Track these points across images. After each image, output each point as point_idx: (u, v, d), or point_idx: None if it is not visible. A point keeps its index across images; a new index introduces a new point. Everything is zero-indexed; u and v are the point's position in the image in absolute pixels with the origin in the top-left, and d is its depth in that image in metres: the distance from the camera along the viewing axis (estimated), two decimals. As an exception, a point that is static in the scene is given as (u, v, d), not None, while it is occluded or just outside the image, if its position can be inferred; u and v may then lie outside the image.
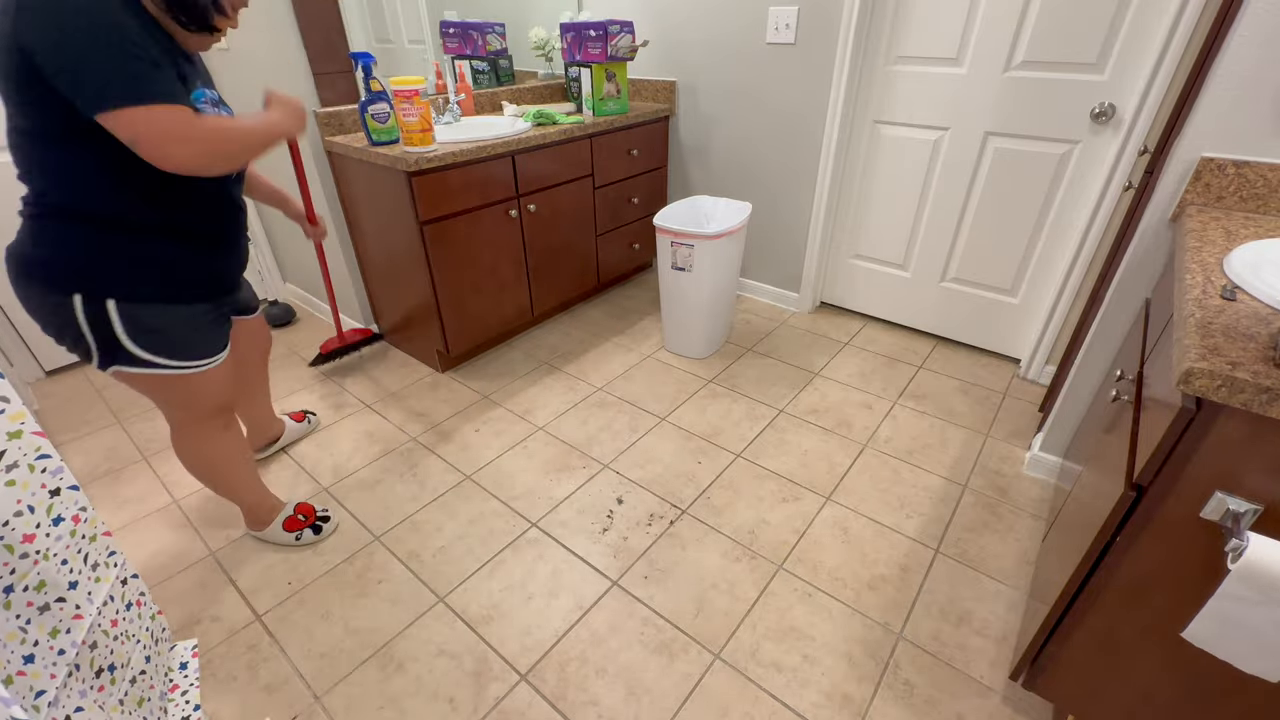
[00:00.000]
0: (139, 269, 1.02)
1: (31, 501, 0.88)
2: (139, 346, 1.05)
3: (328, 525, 1.55)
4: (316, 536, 1.53)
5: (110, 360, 1.06)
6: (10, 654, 0.80)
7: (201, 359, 1.15)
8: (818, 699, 1.19)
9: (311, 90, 1.97)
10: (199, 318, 1.13)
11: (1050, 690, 1.04)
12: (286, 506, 1.54)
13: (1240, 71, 1.10)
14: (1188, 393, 0.71)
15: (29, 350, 2.16)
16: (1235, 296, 0.84)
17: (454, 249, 1.97)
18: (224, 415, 1.30)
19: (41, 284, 0.99)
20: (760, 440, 1.88)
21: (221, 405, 1.27)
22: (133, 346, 1.04)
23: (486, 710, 1.17)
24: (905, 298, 2.45)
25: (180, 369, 1.11)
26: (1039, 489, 1.69)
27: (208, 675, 1.24)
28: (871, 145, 2.27)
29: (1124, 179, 1.75)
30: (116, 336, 1.03)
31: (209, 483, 1.40)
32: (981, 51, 1.90)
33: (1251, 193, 1.15)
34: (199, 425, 1.26)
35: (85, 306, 0.99)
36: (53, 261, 0.98)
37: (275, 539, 1.52)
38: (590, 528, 1.57)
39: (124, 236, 1.00)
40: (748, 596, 1.39)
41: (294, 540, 1.52)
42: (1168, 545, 0.81)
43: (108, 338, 1.03)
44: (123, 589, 1.06)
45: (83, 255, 0.98)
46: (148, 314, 1.05)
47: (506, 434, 1.91)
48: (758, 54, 2.28)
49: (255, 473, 1.47)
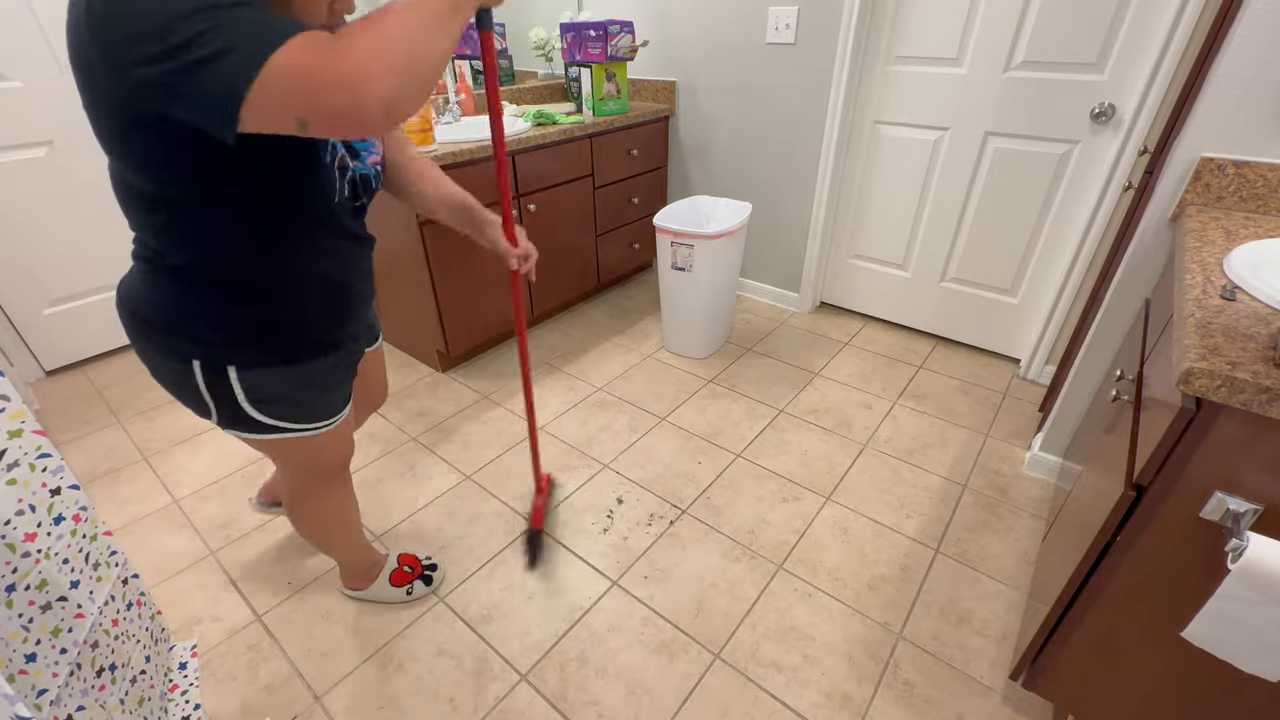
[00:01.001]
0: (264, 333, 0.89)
1: (33, 500, 0.88)
2: (262, 414, 0.94)
3: (436, 574, 1.42)
4: (428, 588, 1.39)
5: (232, 425, 0.96)
6: (13, 653, 0.81)
7: (327, 419, 1.03)
8: (818, 699, 1.19)
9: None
10: (327, 372, 0.99)
11: (1050, 690, 1.04)
12: (390, 559, 1.40)
13: (1240, 71, 1.10)
14: (1188, 393, 0.71)
15: (29, 350, 2.16)
16: (1235, 296, 0.84)
17: (454, 249, 1.97)
18: (344, 471, 1.20)
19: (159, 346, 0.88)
20: (760, 440, 1.88)
21: (343, 462, 1.16)
22: (255, 413, 0.93)
23: (486, 710, 1.17)
24: (905, 298, 2.45)
25: (304, 432, 1.00)
26: (1039, 489, 1.69)
27: (208, 675, 1.24)
28: (871, 145, 2.27)
29: (1124, 179, 1.75)
30: (239, 404, 0.91)
31: (318, 541, 1.27)
32: (981, 51, 1.90)
33: (1251, 193, 1.16)
34: (320, 485, 1.15)
35: (204, 374, 0.88)
36: (170, 324, 0.85)
37: (382, 597, 1.37)
38: (590, 528, 1.57)
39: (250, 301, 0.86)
40: (748, 596, 1.39)
41: (404, 596, 1.37)
42: (1168, 545, 0.81)
43: (230, 404, 0.91)
44: (123, 589, 1.06)
45: (203, 321, 0.85)
46: (272, 378, 0.92)
47: (506, 434, 1.91)
48: (758, 54, 2.28)
49: (362, 529, 1.34)
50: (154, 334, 0.86)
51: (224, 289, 0.84)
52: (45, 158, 2.03)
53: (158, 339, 0.86)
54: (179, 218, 0.77)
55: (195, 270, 0.82)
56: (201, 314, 0.84)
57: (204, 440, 1.90)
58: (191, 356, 0.86)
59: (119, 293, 0.89)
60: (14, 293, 2.07)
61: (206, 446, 1.87)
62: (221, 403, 0.90)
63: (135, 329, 0.88)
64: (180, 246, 0.80)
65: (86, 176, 2.13)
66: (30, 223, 2.04)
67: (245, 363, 0.88)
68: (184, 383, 0.89)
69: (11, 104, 1.92)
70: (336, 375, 1.01)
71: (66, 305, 2.20)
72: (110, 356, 2.36)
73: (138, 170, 0.72)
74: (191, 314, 0.84)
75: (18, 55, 1.91)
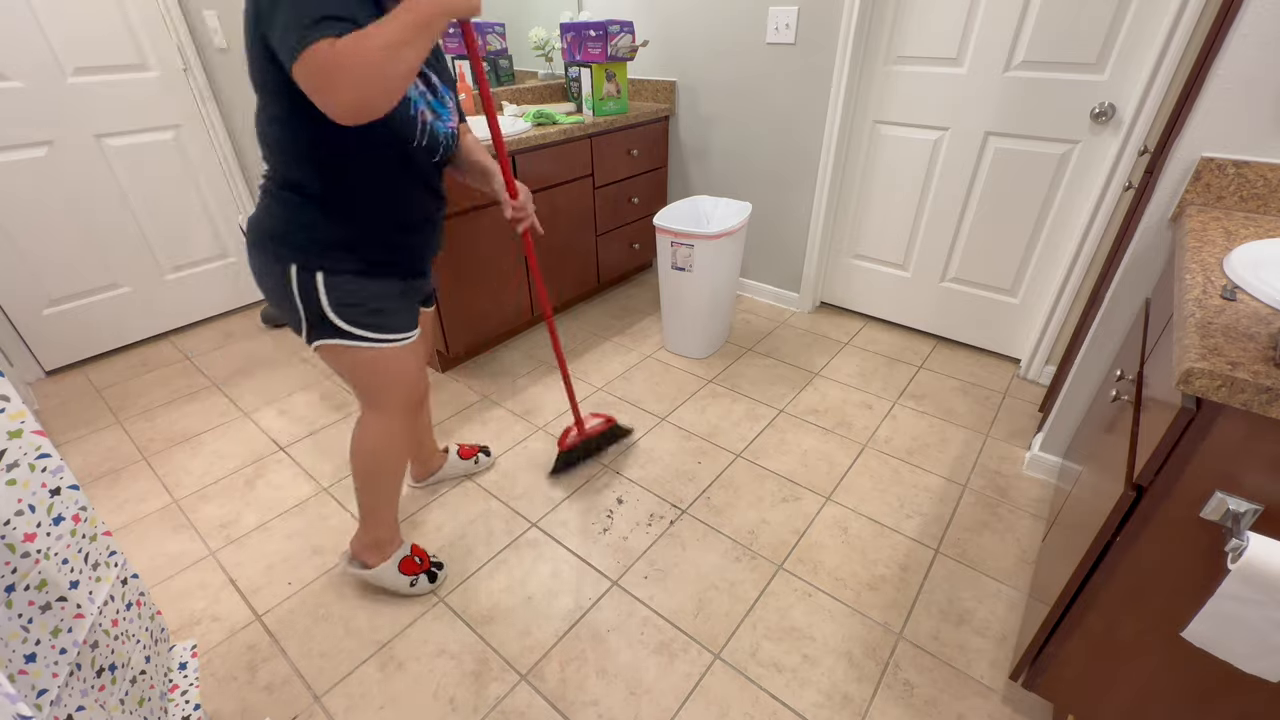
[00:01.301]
0: (345, 244, 1.05)
1: (32, 501, 0.88)
2: (341, 319, 1.08)
3: (441, 573, 1.43)
4: (431, 585, 1.40)
5: (316, 333, 1.09)
6: (12, 653, 0.81)
7: (395, 334, 1.15)
8: (818, 699, 1.19)
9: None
10: (391, 293, 1.13)
11: (1050, 690, 1.04)
12: (404, 545, 1.41)
13: (1240, 71, 1.10)
14: (1188, 393, 0.71)
15: (29, 350, 2.16)
16: (1235, 296, 0.84)
17: (454, 249, 1.97)
18: (411, 415, 1.28)
19: (268, 255, 1.05)
20: (760, 440, 1.88)
21: (411, 400, 1.25)
22: (336, 318, 1.07)
23: (486, 710, 1.17)
24: (905, 298, 2.45)
25: (376, 342, 1.12)
26: (1039, 489, 1.69)
27: (208, 675, 1.24)
28: (871, 145, 2.27)
29: (1124, 179, 1.75)
30: (322, 308, 1.06)
31: (366, 481, 1.30)
32: (981, 51, 1.90)
33: (1251, 193, 1.16)
34: (389, 416, 1.24)
35: (299, 276, 1.04)
36: (276, 234, 1.04)
37: (386, 581, 1.37)
38: (590, 528, 1.57)
39: (334, 213, 1.03)
40: (748, 596, 1.39)
41: (407, 586, 1.38)
42: (1168, 545, 0.81)
43: (315, 309, 1.06)
44: (123, 589, 1.06)
45: (299, 229, 1.03)
46: (349, 286, 1.07)
47: (506, 434, 1.91)
48: (758, 54, 2.28)
49: (398, 502, 1.38)
50: (267, 242, 1.05)
51: (322, 206, 1.02)
52: (45, 157, 2.03)
53: (269, 246, 1.04)
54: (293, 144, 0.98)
55: (294, 182, 1.01)
56: (304, 225, 1.02)
57: (204, 440, 1.90)
58: (291, 261, 1.03)
59: (248, 221, 1.08)
60: (14, 293, 2.07)
61: (206, 446, 1.87)
62: (309, 305, 1.06)
63: (254, 242, 1.06)
64: (284, 162, 1.00)
65: (86, 176, 2.13)
66: (30, 223, 2.05)
67: (331, 269, 1.04)
68: (283, 288, 1.05)
69: (11, 104, 1.93)
70: (403, 300, 1.16)
71: (66, 305, 2.20)
72: (110, 356, 2.36)
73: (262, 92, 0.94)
74: (296, 225, 1.03)
75: (18, 55, 1.91)
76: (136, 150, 2.22)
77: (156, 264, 2.40)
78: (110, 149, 2.16)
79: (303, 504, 1.65)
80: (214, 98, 2.34)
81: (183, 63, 2.23)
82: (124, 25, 2.09)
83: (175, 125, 2.30)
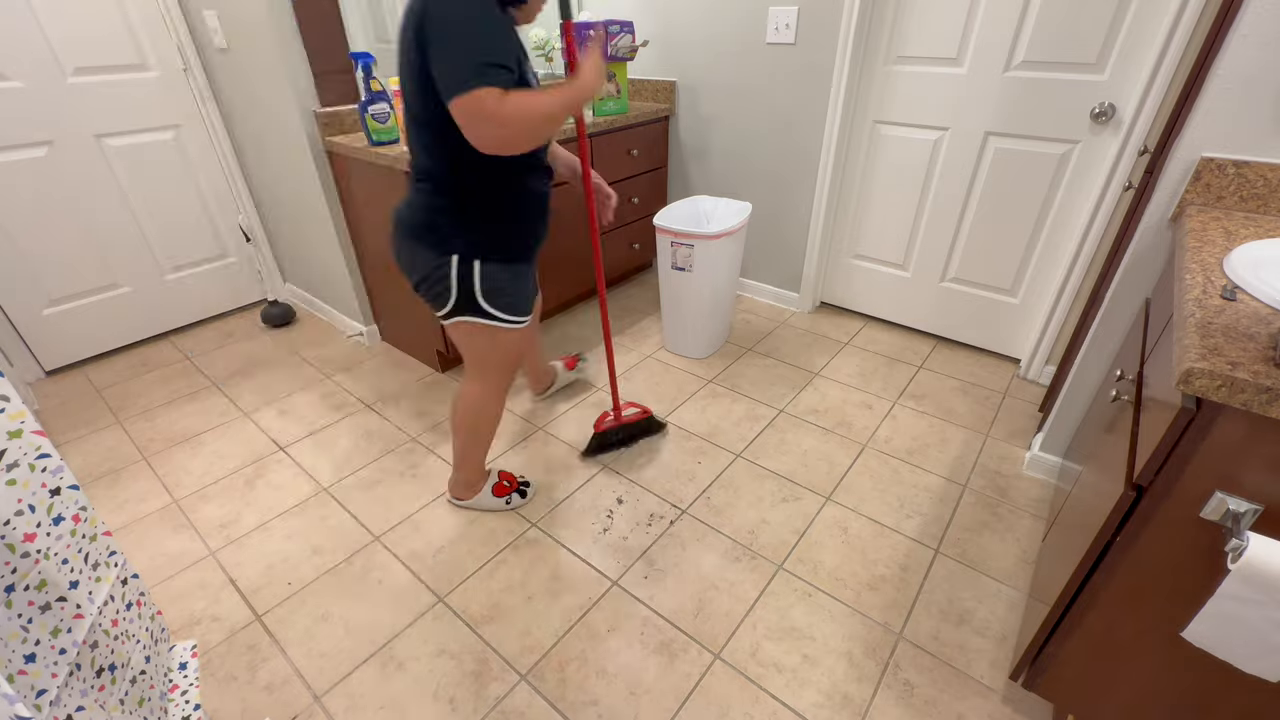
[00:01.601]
0: (497, 235, 1.24)
1: (32, 501, 0.88)
2: (487, 302, 1.27)
3: (530, 489, 1.66)
4: (523, 500, 1.64)
5: (459, 312, 1.28)
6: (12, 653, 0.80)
7: (521, 316, 1.34)
8: (818, 699, 1.19)
9: (311, 90, 1.97)
10: (522, 277, 1.33)
11: (1050, 690, 1.04)
12: (492, 474, 1.64)
13: (1240, 71, 1.10)
14: (1188, 393, 0.71)
15: (29, 350, 2.16)
16: (1235, 296, 0.84)
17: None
18: (513, 379, 1.50)
19: (426, 245, 1.22)
20: (760, 440, 1.88)
21: (517, 366, 1.47)
22: (483, 301, 1.27)
23: (486, 710, 1.17)
24: (905, 298, 2.45)
25: (505, 323, 1.32)
26: (1039, 489, 1.69)
27: (208, 675, 1.24)
28: (871, 145, 2.27)
29: (1124, 179, 1.75)
30: (474, 291, 1.25)
31: (467, 437, 1.51)
32: (981, 51, 1.90)
33: (1251, 193, 1.16)
34: (493, 385, 1.44)
35: (459, 266, 1.22)
36: (438, 229, 1.21)
37: (485, 505, 1.62)
38: (590, 528, 1.57)
39: (488, 213, 1.21)
40: (748, 596, 1.39)
41: (504, 505, 1.62)
42: (1168, 545, 0.81)
43: (468, 292, 1.25)
44: (123, 589, 1.06)
45: (461, 226, 1.21)
46: (498, 273, 1.26)
47: (506, 434, 1.91)
48: (758, 54, 2.28)
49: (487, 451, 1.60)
50: (426, 235, 1.21)
51: (478, 208, 1.20)
52: (45, 157, 2.03)
53: (429, 239, 1.21)
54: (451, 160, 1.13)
55: (458, 192, 1.18)
56: (465, 225, 1.21)
57: (204, 440, 1.90)
58: (453, 252, 1.21)
59: (398, 215, 1.26)
60: (14, 293, 2.08)
61: (206, 446, 1.87)
62: (463, 289, 1.24)
63: (412, 234, 1.23)
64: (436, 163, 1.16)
65: (86, 176, 2.13)
66: (30, 223, 2.05)
67: (486, 258, 1.23)
68: (439, 274, 1.23)
69: (11, 104, 1.93)
70: (529, 283, 1.37)
71: (66, 305, 2.20)
72: (110, 356, 2.36)
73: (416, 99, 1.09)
74: (457, 224, 1.20)
75: (18, 55, 1.91)
76: (136, 150, 2.22)
77: (156, 264, 2.40)
78: (110, 149, 2.16)
79: (303, 504, 1.65)
80: (214, 98, 2.34)
81: (183, 63, 2.23)
82: (124, 25, 2.09)
83: (175, 125, 2.30)
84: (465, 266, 1.22)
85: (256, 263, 2.61)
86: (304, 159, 2.06)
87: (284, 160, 2.19)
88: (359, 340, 2.44)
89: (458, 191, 1.19)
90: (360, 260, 2.27)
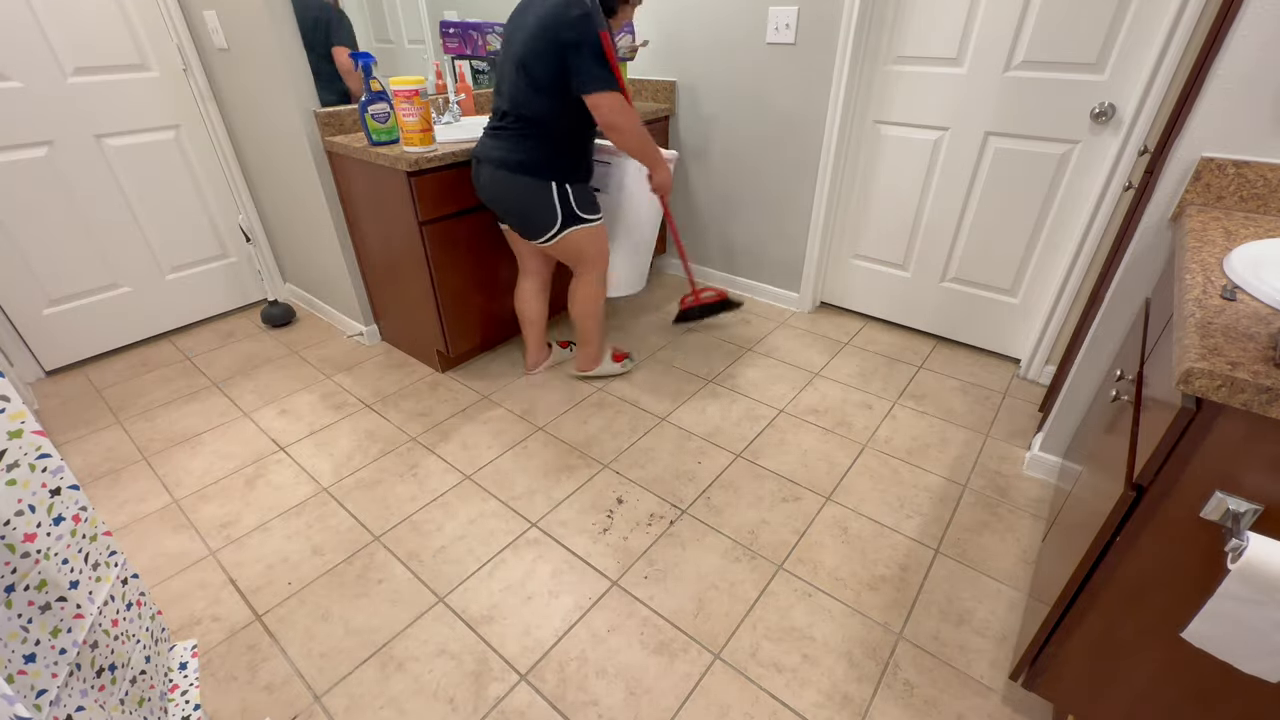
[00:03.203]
0: (578, 165, 1.73)
1: (32, 501, 0.88)
2: (580, 209, 1.75)
3: (636, 359, 2.26)
4: (633, 364, 2.23)
5: (565, 225, 1.73)
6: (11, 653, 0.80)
7: (599, 215, 1.83)
8: (818, 699, 1.19)
9: (311, 90, 1.97)
10: (592, 191, 1.83)
11: (1050, 690, 1.04)
12: (608, 350, 2.18)
13: (1240, 71, 1.10)
14: (1188, 393, 0.71)
15: (29, 350, 2.16)
16: (1235, 296, 0.84)
17: (454, 249, 1.97)
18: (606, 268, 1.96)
19: (533, 175, 1.66)
20: (760, 440, 1.88)
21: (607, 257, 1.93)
22: (578, 209, 1.74)
23: (486, 710, 1.17)
24: (905, 298, 2.45)
25: (594, 221, 1.80)
26: (1039, 489, 1.69)
27: (208, 675, 1.24)
28: (871, 145, 2.27)
29: (1124, 179, 1.75)
30: (572, 205, 1.72)
31: (590, 320, 2.00)
32: (981, 51, 1.90)
33: (1251, 193, 1.16)
34: (598, 272, 1.91)
35: (558, 189, 1.69)
36: (540, 163, 1.66)
37: (608, 370, 2.16)
38: (590, 528, 1.57)
39: (570, 147, 1.69)
40: (748, 596, 1.39)
41: (621, 369, 2.17)
42: (1168, 545, 0.81)
43: (567, 207, 1.71)
44: (123, 589, 1.06)
45: (555, 158, 1.67)
46: (582, 190, 1.75)
47: (506, 434, 1.91)
48: (758, 54, 2.28)
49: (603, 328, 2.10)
50: (534, 170, 1.66)
51: (565, 149, 1.68)
52: (45, 157, 2.03)
53: (535, 172, 1.67)
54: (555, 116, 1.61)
55: (547, 129, 1.63)
56: (556, 160, 1.67)
57: (204, 440, 1.90)
58: (553, 179, 1.68)
59: (497, 158, 1.68)
60: (14, 293, 2.08)
61: (206, 446, 1.87)
62: (564, 206, 1.71)
63: (520, 169, 1.66)
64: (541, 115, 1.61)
65: (86, 176, 2.13)
66: (30, 223, 2.05)
67: (572, 181, 1.72)
68: (543, 199, 1.69)
69: (11, 104, 1.93)
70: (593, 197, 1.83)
71: (66, 305, 2.20)
72: (110, 356, 2.36)
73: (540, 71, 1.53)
74: (552, 162, 1.67)
75: (18, 55, 1.91)
76: (136, 150, 2.22)
77: (156, 264, 2.40)
78: (110, 149, 2.16)
79: (303, 504, 1.65)
80: (214, 98, 2.34)
81: (183, 63, 2.23)
82: (124, 25, 2.09)
83: (175, 125, 2.30)
84: (562, 189, 1.69)
85: (256, 263, 2.61)
86: (304, 159, 2.06)
87: (284, 160, 2.20)
88: (359, 340, 2.44)
89: (554, 139, 1.64)
90: (360, 260, 2.27)
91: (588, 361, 2.11)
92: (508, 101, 1.62)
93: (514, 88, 1.59)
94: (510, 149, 1.65)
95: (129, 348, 2.42)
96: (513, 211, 1.75)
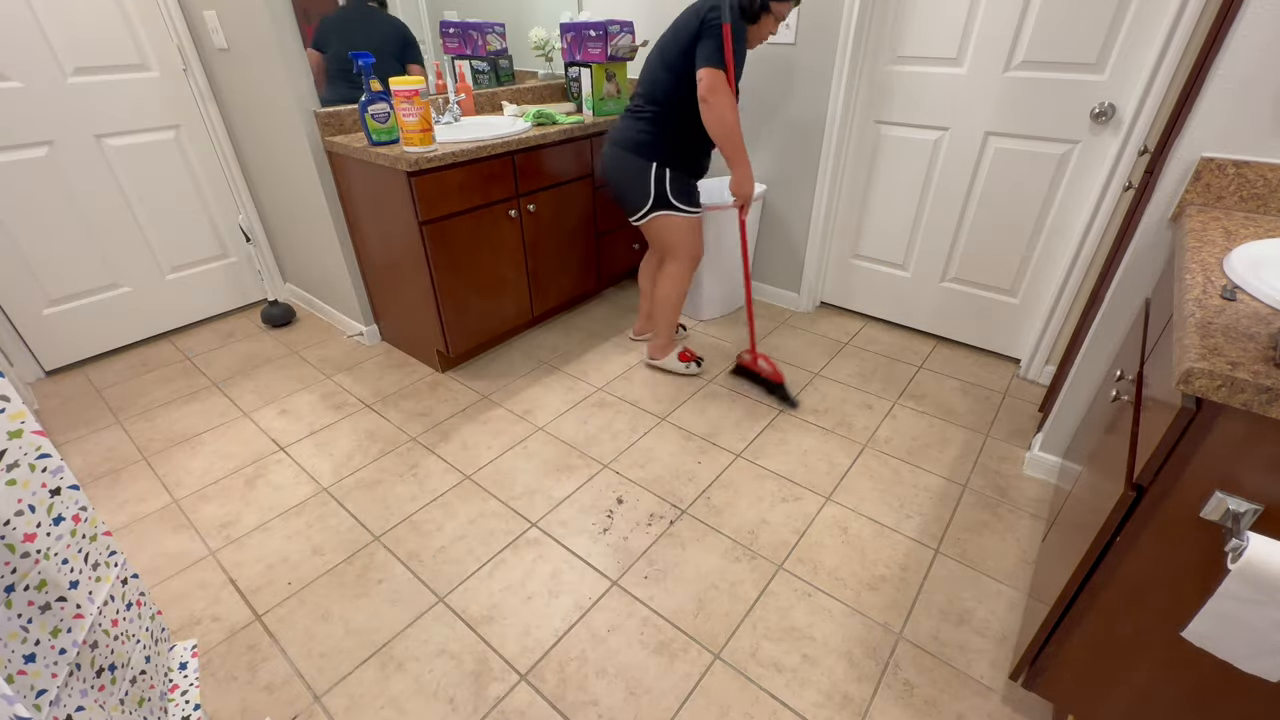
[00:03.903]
0: (681, 153, 1.83)
1: (32, 501, 0.88)
2: (674, 198, 1.85)
3: (702, 364, 2.19)
4: (698, 369, 2.18)
5: (655, 208, 1.86)
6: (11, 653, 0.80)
7: (695, 208, 1.91)
8: (818, 699, 1.19)
9: (311, 90, 1.97)
10: (693, 187, 1.91)
11: (1050, 690, 1.04)
12: (679, 346, 2.19)
13: (1240, 71, 1.10)
14: (1188, 393, 0.71)
15: (29, 350, 2.16)
16: (1235, 296, 0.84)
17: (454, 249, 1.97)
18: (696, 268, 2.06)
19: (637, 154, 1.81)
20: (760, 440, 1.88)
21: (700, 254, 2.01)
22: (672, 197, 1.85)
23: (486, 710, 1.17)
24: (905, 298, 2.45)
25: (691, 212, 1.89)
26: (1039, 489, 1.69)
27: (208, 675, 1.24)
28: (872, 145, 2.27)
29: (1124, 179, 1.75)
30: (666, 189, 1.83)
31: (668, 308, 2.06)
32: (981, 51, 1.90)
33: (1251, 193, 1.16)
34: (686, 264, 1.98)
35: (656, 170, 1.81)
36: (647, 144, 1.80)
37: (672, 367, 2.17)
38: (590, 528, 1.57)
39: (678, 132, 1.79)
40: (748, 596, 1.39)
41: (684, 369, 2.16)
42: (1168, 545, 0.81)
43: (661, 191, 1.83)
44: (123, 589, 1.06)
45: (661, 142, 1.80)
46: (679, 179, 1.85)
47: (506, 434, 1.91)
48: (758, 54, 2.27)
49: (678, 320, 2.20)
50: (639, 149, 1.81)
51: (673, 135, 1.79)
52: (45, 157, 2.03)
53: (642, 152, 1.81)
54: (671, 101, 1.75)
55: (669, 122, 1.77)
56: (661, 144, 1.80)
57: (204, 440, 1.90)
58: (654, 160, 1.81)
59: (616, 137, 1.86)
60: (14, 293, 2.07)
61: (206, 446, 1.87)
62: (659, 189, 1.83)
63: (624, 146, 1.83)
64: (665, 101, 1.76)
65: (86, 176, 2.13)
66: (30, 223, 2.05)
67: (672, 167, 1.83)
68: (643, 176, 1.82)
69: (11, 104, 1.93)
70: (696, 192, 1.93)
71: (66, 305, 2.20)
72: (110, 356, 2.36)
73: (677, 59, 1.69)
74: (657, 143, 1.80)
75: (18, 55, 1.91)
76: (136, 150, 2.22)
77: (156, 264, 2.40)
78: (110, 149, 2.16)
79: (303, 504, 1.65)
80: (214, 98, 2.34)
81: (183, 63, 2.23)
82: (124, 25, 2.09)
83: (175, 125, 2.30)
84: (660, 172, 1.81)
85: (256, 263, 2.61)
86: (304, 159, 2.06)
87: (284, 160, 2.19)
88: (359, 340, 2.44)
89: (666, 119, 1.77)
90: (360, 260, 2.27)
91: (656, 350, 2.17)
92: (643, 84, 1.81)
93: (650, 70, 1.77)
94: (627, 128, 1.83)
95: (129, 348, 2.42)
96: (613, 186, 1.90)
